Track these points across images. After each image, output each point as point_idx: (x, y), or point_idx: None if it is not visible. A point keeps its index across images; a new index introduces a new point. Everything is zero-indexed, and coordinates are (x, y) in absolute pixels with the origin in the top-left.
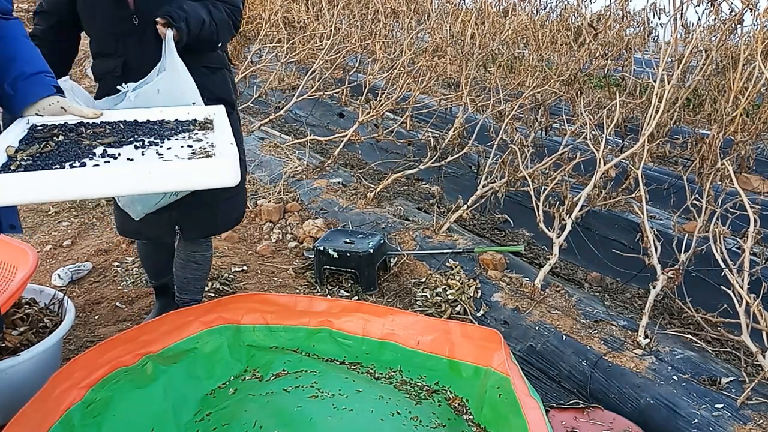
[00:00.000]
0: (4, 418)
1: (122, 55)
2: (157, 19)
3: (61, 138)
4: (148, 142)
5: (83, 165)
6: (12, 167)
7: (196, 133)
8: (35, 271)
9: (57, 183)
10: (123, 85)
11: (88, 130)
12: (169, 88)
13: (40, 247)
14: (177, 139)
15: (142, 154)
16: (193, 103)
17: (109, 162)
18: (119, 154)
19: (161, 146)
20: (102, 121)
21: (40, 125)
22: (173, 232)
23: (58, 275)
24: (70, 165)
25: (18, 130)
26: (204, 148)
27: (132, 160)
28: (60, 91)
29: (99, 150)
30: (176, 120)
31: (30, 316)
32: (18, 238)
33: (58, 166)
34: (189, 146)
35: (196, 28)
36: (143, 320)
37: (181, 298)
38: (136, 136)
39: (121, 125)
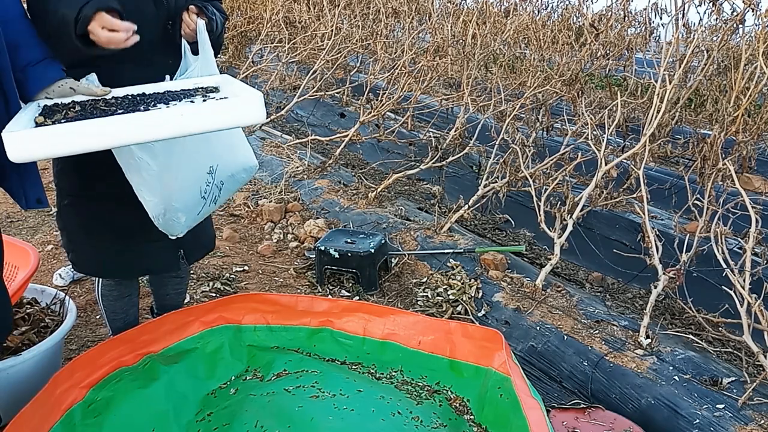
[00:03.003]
0: (6, 417)
1: (148, 65)
2: (190, 7)
3: (78, 108)
4: (161, 105)
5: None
6: (48, 123)
7: (206, 95)
8: (36, 270)
9: (100, 129)
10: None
11: (100, 103)
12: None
13: (41, 246)
14: (187, 101)
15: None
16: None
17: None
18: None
19: (173, 105)
20: (111, 96)
21: (52, 104)
22: (178, 258)
23: (60, 275)
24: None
25: (31, 110)
26: (217, 99)
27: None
28: (66, 73)
29: (120, 112)
30: (182, 89)
31: (31, 315)
32: (19, 238)
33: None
34: (203, 101)
35: (221, 24)
36: (144, 320)
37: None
38: (147, 101)
39: (129, 97)
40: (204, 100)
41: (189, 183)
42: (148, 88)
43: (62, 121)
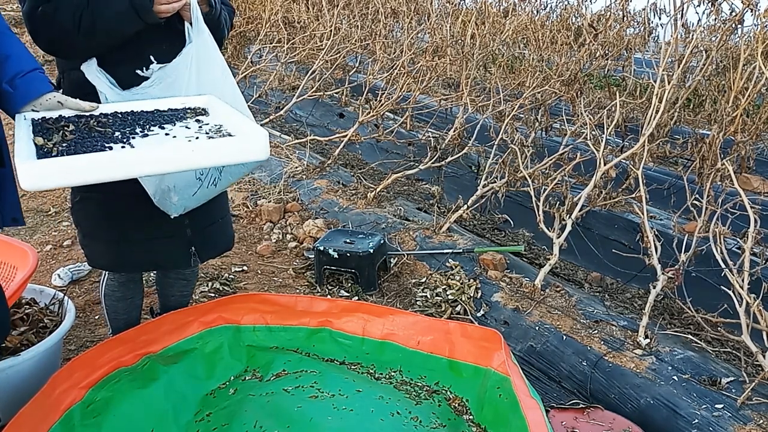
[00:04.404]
0: (5, 417)
1: (140, 60)
2: None
3: (72, 128)
4: (156, 128)
5: (123, 145)
6: (53, 153)
7: (199, 120)
8: (35, 271)
9: (106, 163)
10: (144, 69)
11: (92, 121)
12: (197, 61)
13: (40, 247)
14: (182, 125)
15: (166, 135)
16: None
17: (134, 144)
18: (141, 137)
19: (170, 131)
20: (100, 113)
21: (39, 119)
22: (189, 255)
23: (59, 275)
24: (109, 147)
25: (24, 128)
26: (214, 129)
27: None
28: (55, 87)
29: (118, 135)
30: (169, 109)
31: (30, 316)
32: (18, 238)
33: (99, 148)
34: (199, 128)
35: (218, 6)
36: (144, 320)
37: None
38: (141, 123)
39: (119, 115)
40: (200, 127)
41: None
42: (136, 106)
43: (62, 144)
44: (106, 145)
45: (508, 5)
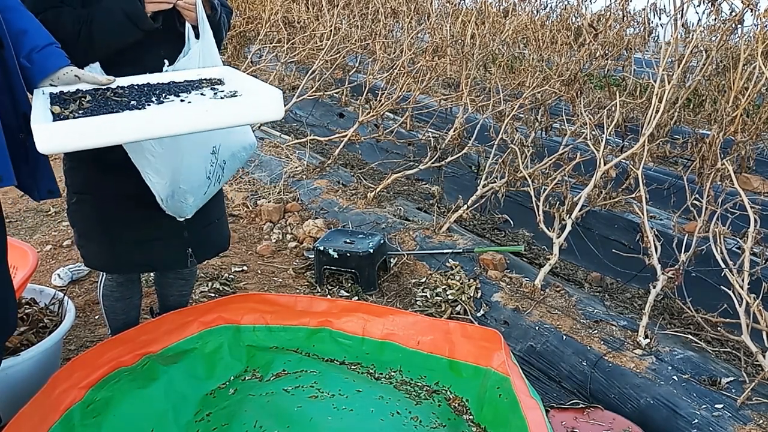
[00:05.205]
0: (5, 417)
1: (139, 63)
2: None
3: (89, 98)
4: (172, 96)
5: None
6: (69, 119)
7: (214, 88)
8: (35, 271)
9: (120, 124)
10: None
11: (108, 92)
12: (203, 61)
13: (40, 247)
14: (198, 93)
15: (182, 102)
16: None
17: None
18: (157, 104)
19: (185, 99)
20: (117, 86)
21: (57, 93)
22: (186, 256)
23: (58, 275)
24: (125, 110)
25: (40, 100)
26: (230, 94)
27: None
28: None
29: (134, 103)
30: (186, 80)
31: (30, 316)
32: (18, 238)
33: (116, 111)
34: (214, 95)
35: (218, 8)
36: (144, 320)
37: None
38: (157, 93)
39: (136, 87)
40: (215, 94)
41: (195, 164)
42: (153, 78)
43: (79, 111)
44: (122, 111)
45: (508, 5)
